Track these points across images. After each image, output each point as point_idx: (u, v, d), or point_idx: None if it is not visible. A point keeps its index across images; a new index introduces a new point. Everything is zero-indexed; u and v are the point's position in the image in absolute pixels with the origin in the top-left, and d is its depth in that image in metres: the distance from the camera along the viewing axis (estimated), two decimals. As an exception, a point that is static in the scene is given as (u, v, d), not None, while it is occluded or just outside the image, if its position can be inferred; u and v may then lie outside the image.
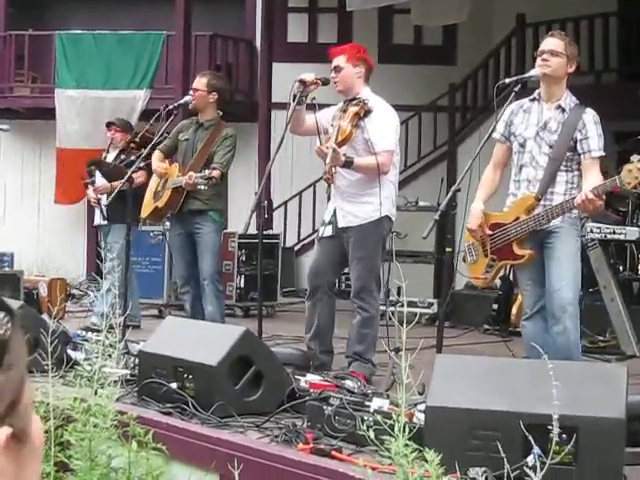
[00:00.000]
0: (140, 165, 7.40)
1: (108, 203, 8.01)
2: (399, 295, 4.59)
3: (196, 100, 7.20)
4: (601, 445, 3.46)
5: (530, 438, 3.20)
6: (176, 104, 7.36)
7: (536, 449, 3.20)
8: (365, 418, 4.06)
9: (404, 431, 3.28)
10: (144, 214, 7.55)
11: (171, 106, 7.28)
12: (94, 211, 9.06)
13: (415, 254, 9.77)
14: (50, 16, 15.86)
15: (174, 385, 4.85)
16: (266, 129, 12.83)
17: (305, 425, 4.37)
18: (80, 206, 14.62)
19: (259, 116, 13.07)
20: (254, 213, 5.71)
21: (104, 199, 8.24)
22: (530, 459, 3.23)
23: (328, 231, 6.08)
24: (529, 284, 5.24)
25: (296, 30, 15.10)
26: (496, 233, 5.25)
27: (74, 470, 4.19)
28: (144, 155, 7.28)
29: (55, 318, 4.96)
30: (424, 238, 4.90)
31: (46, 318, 5.46)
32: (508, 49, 13.39)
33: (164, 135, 7.34)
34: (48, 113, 14.10)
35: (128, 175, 7.00)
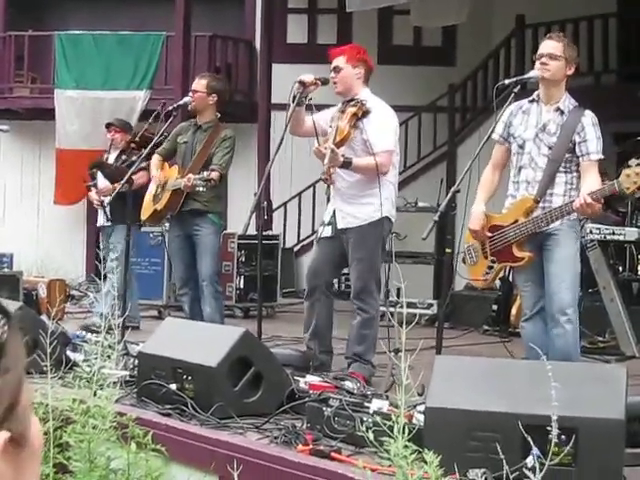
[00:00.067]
0: (142, 165, 7.40)
1: (110, 204, 8.02)
2: (399, 296, 4.58)
3: (196, 102, 7.19)
4: (601, 446, 3.46)
5: (529, 439, 3.20)
6: (175, 105, 7.36)
7: (535, 450, 3.19)
8: (364, 419, 4.06)
9: (403, 432, 3.28)
10: (144, 216, 7.54)
11: (170, 107, 7.29)
12: (94, 212, 9.07)
13: (415, 255, 9.76)
14: (50, 17, 15.86)
15: (173, 386, 4.84)
16: (265, 130, 12.84)
17: (304, 426, 4.37)
18: (80, 207, 14.63)
19: (258, 117, 13.08)
20: (253, 214, 5.69)
21: (107, 200, 8.24)
22: (529, 460, 3.22)
23: (327, 232, 6.07)
24: (528, 285, 5.24)
25: (296, 31, 15.10)
26: (495, 235, 5.25)
27: (73, 472, 4.19)
28: (144, 155, 7.28)
29: (54, 319, 4.95)
30: (424, 239, 4.89)
31: (45, 319, 5.45)
32: (507, 50, 13.40)
33: (164, 135, 7.34)
34: (48, 114, 14.10)
35: (127, 176, 7.00)
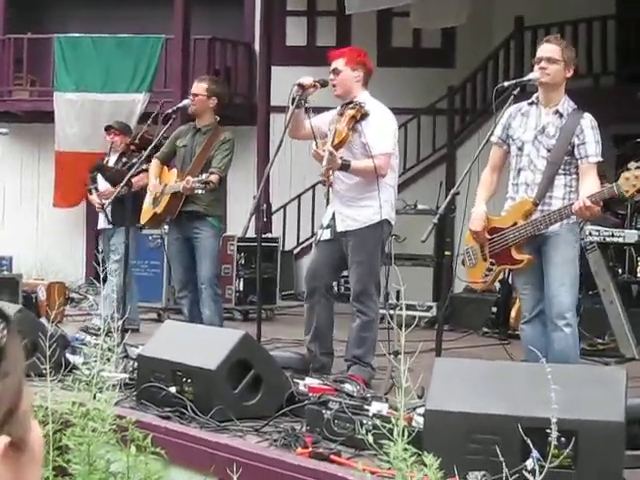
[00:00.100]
0: (142, 167, 7.39)
1: (111, 207, 8.03)
2: (398, 298, 4.58)
3: (196, 105, 7.19)
4: (601, 448, 3.46)
5: (529, 442, 3.20)
6: (175, 108, 7.36)
7: (535, 453, 3.19)
8: (364, 422, 4.06)
9: (403, 435, 3.28)
10: (143, 220, 7.54)
11: (170, 110, 7.28)
12: (94, 214, 9.05)
13: (414, 257, 9.77)
14: (49, 19, 15.86)
15: (173, 389, 4.84)
16: (265, 132, 12.84)
17: (304, 429, 4.37)
18: (79, 209, 14.63)
19: (258, 119, 13.09)
20: (253, 216, 5.69)
21: (107, 203, 8.23)
22: (529, 463, 3.22)
23: (326, 235, 6.07)
24: (527, 288, 5.24)
25: (295, 33, 15.10)
26: (494, 238, 5.25)
27: (73, 474, 4.18)
28: (144, 157, 7.28)
29: (54, 322, 4.95)
30: (423, 241, 4.89)
31: (44, 322, 5.45)
32: (507, 52, 13.40)
33: (164, 136, 7.34)
34: (47, 116, 14.10)
35: (127, 179, 6.99)
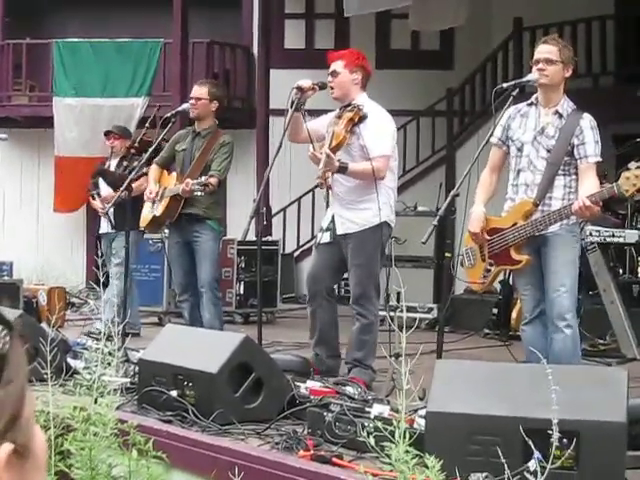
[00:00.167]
0: (142, 171, 7.39)
1: (114, 211, 8.05)
2: (399, 300, 4.58)
3: (199, 109, 7.20)
4: (602, 449, 3.45)
5: (530, 443, 3.19)
6: (174, 111, 7.37)
7: (537, 454, 3.19)
8: (366, 424, 4.05)
9: (405, 437, 3.28)
10: (143, 224, 7.54)
11: (169, 113, 7.29)
12: (94, 219, 9.04)
13: (414, 259, 9.75)
14: (47, 24, 15.87)
15: (174, 393, 4.83)
16: (264, 135, 12.83)
17: (306, 432, 4.36)
18: (79, 214, 14.63)
19: (257, 122, 13.08)
20: (253, 219, 5.69)
21: (108, 208, 8.23)
22: (531, 464, 3.22)
23: (326, 238, 6.06)
24: (528, 289, 5.23)
25: (293, 36, 15.11)
26: (494, 238, 5.25)
27: (75, 479, 4.18)
28: (144, 161, 7.27)
29: (54, 327, 4.95)
30: (423, 243, 4.89)
31: (45, 327, 5.45)
32: (505, 53, 13.39)
33: (164, 139, 7.35)
34: (46, 121, 14.10)
35: (126, 183, 6.98)
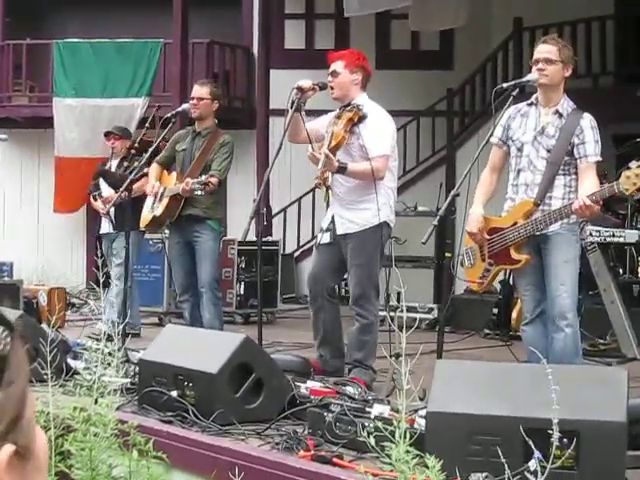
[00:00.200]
0: (143, 171, 7.39)
1: (115, 211, 8.05)
2: (399, 300, 4.58)
3: (201, 109, 7.20)
4: (603, 449, 3.45)
5: (530, 443, 3.19)
6: (174, 112, 7.36)
7: (537, 453, 3.19)
8: (366, 424, 4.05)
9: (405, 437, 3.27)
10: (143, 224, 7.54)
11: (169, 114, 7.29)
12: (94, 220, 9.03)
13: (415, 259, 9.75)
14: (48, 25, 15.87)
15: (174, 393, 4.83)
16: (264, 136, 12.83)
17: (306, 432, 4.36)
18: (79, 215, 14.62)
19: (257, 123, 13.08)
20: (253, 220, 5.69)
21: (108, 208, 8.24)
22: (531, 463, 3.22)
23: (326, 238, 6.06)
24: (528, 289, 5.23)
25: (293, 36, 15.10)
26: (494, 238, 5.25)
27: (75, 480, 4.18)
28: (144, 161, 7.27)
29: (54, 327, 4.94)
30: (423, 243, 4.89)
31: (45, 327, 5.45)
32: (505, 53, 13.39)
33: (165, 138, 7.35)
34: (46, 122, 14.09)
35: (126, 184, 6.98)
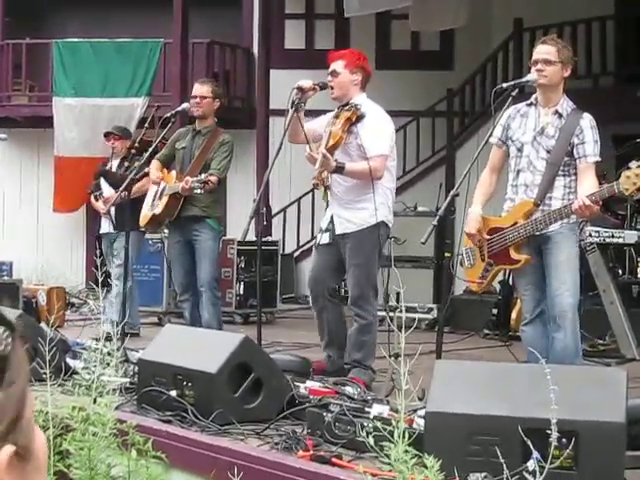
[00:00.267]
0: (144, 171, 7.39)
1: (116, 211, 8.05)
2: (398, 301, 4.57)
3: (204, 107, 7.21)
4: (602, 449, 3.45)
5: (529, 443, 3.19)
6: (174, 111, 7.37)
7: (535, 454, 3.19)
8: (365, 424, 4.05)
9: (404, 437, 3.27)
10: (143, 222, 7.55)
11: (169, 113, 7.29)
12: (94, 219, 9.03)
13: (414, 259, 9.75)
14: (47, 25, 15.87)
15: (173, 393, 4.83)
16: (264, 136, 12.83)
17: (305, 432, 4.36)
18: (79, 214, 14.62)
19: (257, 123, 13.08)
20: (253, 220, 5.69)
21: (108, 207, 8.25)
22: (530, 464, 3.21)
23: (325, 238, 6.06)
24: (528, 289, 5.23)
25: (293, 36, 15.11)
26: (494, 238, 5.25)
27: (73, 479, 4.18)
28: (144, 161, 7.26)
29: (53, 327, 4.94)
30: (423, 243, 4.88)
31: (45, 327, 5.45)
32: (505, 54, 13.39)
33: (165, 138, 7.35)
34: (46, 121, 14.09)
35: (126, 184, 6.97)
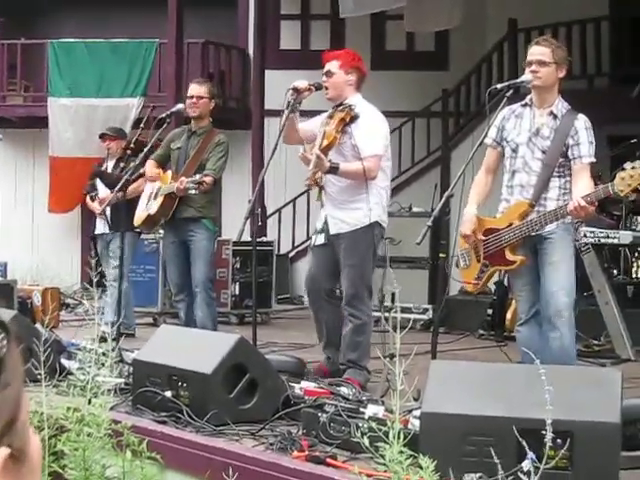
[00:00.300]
0: (139, 172, 7.38)
1: (111, 212, 8.05)
2: (393, 301, 4.57)
3: (200, 107, 7.21)
4: (597, 449, 3.46)
5: (524, 443, 3.19)
6: (169, 112, 7.35)
7: (530, 454, 3.19)
8: (360, 425, 4.05)
9: (399, 438, 3.27)
10: (137, 223, 7.55)
11: (164, 114, 7.28)
12: (89, 220, 9.02)
13: (409, 260, 9.76)
14: (42, 25, 15.85)
15: (168, 393, 4.83)
16: (259, 136, 12.83)
17: (300, 432, 4.36)
18: (74, 215, 14.61)
19: (252, 123, 13.07)
20: (248, 220, 5.69)
21: (103, 208, 8.25)
22: (525, 464, 3.22)
23: (320, 239, 6.05)
24: (524, 289, 5.23)
25: (289, 37, 15.10)
26: (489, 238, 5.24)
27: (68, 480, 4.18)
28: (139, 162, 7.25)
29: (48, 327, 4.94)
30: (418, 244, 4.88)
31: (39, 327, 5.44)
32: (500, 54, 13.39)
33: (159, 139, 7.34)
34: (41, 122, 14.08)
35: (121, 184, 6.95)
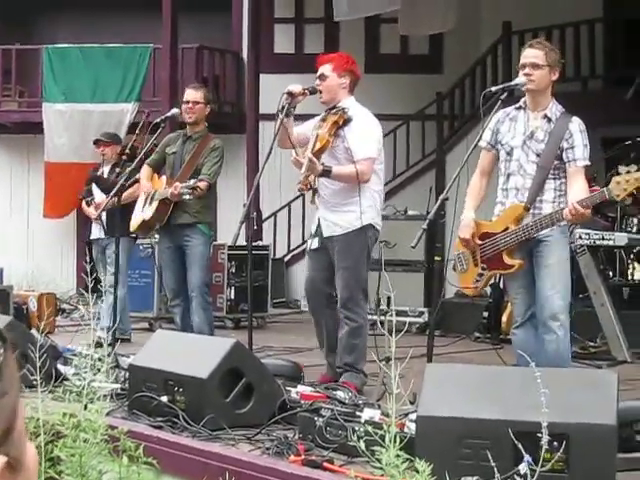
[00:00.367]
0: (135, 177, 7.37)
1: (107, 217, 8.04)
2: (389, 304, 4.57)
3: (196, 113, 7.22)
4: (593, 452, 3.46)
5: (520, 446, 3.19)
6: (163, 117, 7.34)
7: (527, 457, 3.19)
8: (356, 429, 4.05)
9: (395, 441, 3.27)
10: (133, 227, 7.55)
11: (158, 119, 7.27)
12: (84, 225, 9.01)
13: (405, 263, 9.76)
14: (37, 30, 15.86)
15: (164, 398, 4.83)
16: (254, 140, 12.84)
17: (296, 437, 4.36)
18: (69, 220, 14.60)
19: (247, 127, 13.09)
20: (243, 224, 5.69)
21: (99, 212, 8.24)
22: (521, 467, 3.22)
23: (315, 244, 6.05)
24: (520, 292, 5.22)
25: (283, 41, 15.11)
26: (486, 243, 5.24)
27: (65, 486, 4.17)
28: (133, 167, 7.24)
29: (44, 333, 4.93)
30: (413, 247, 4.88)
31: (35, 333, 5.44)
32: (494, 57, 13.41)
33: (154, 144, 7.34)
34: (36, 127, 14.07)
35: (116, 189, 6.94)
